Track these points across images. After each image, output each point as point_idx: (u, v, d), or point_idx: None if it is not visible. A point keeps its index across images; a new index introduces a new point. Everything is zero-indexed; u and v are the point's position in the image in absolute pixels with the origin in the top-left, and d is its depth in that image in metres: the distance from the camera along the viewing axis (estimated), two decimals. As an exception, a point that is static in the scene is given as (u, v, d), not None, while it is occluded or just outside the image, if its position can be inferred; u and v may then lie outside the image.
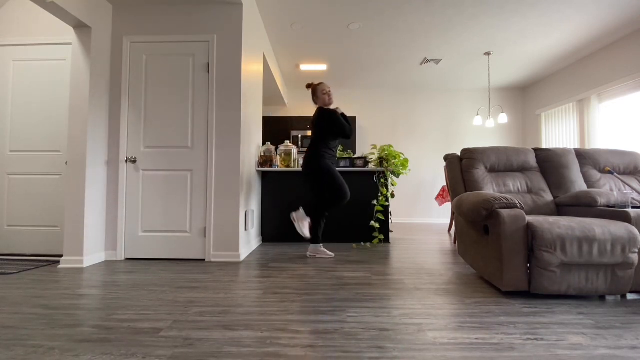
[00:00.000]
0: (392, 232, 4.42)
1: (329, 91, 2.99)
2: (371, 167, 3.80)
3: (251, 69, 3.29)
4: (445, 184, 5.95)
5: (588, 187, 2.42)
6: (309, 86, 3.08)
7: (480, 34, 4.12)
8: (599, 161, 2.51)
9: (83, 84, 2.63)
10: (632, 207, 2.00)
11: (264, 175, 3.80)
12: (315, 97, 3.04)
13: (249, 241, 3.18)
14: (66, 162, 2.82)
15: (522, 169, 2.53)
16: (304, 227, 2.93)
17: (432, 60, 4.96)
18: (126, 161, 2.86)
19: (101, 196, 2.79)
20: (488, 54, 4.68)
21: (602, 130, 4.49)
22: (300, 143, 5.92)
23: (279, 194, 3.79)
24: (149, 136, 2.87)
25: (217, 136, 2.85)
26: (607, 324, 1.48)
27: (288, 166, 3.78)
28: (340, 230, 3.78)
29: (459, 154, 2.64)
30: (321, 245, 2.97)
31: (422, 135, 6.33)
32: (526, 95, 6.20)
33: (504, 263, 1.81)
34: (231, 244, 2.80)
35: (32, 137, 3.00)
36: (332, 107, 3.06)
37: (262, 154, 3.72)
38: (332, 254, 2.95)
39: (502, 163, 2.52)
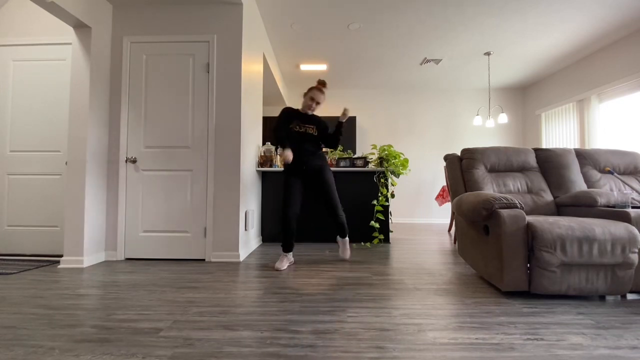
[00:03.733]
0: (392, 232, 4.42)
1: (312, 97, 2.65)
2: (371, 167, 3.80)
3: (251, 69, 3.29)
4: (445, 184, 5.95)
5: (588, 187, 2.42)
6: (321, 84, 2.72)
7: (480, 34, 4.12)
8: (599, 161, 2.51)
9: (83, 84, 2.63)
10: (632, 207, 2.00)
11: (264, 175, 3.80)
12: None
13: (248, 241, 3.18)
14: (66, 162, 2.82)
15: (522, 169, 2.53)
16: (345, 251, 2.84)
17: (432, 60, 4.96)
18: (126, 161, 2.86)
19: (101, 196, 2.79)
20: (488, 54, 4.68)
21: (602, 130, 4.49)
22: (300, 143, 5.91)
23: (279, 194, 3.79)
24: (149, 136, 2.87)
25: (217, 136, 2.85)
26: (607, 324, 1.48)
27: (288, 166, 3.78)
28: (340, 230, 3.77)
29: (459, 154, 2.64)
30: (285, 254, 2.61)
31: (422, 135, 6.32)
32: (526, 95, 6.20)
33: (504, 263, 1.81)
34: (231, 244, 2.80)
35: (32, 137, 3.00)
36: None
37: (262, 154, 3.72)
38: (281, 268, 2.51)
39: (502, 163, 2.51)
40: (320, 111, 6.35)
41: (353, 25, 3.95)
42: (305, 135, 2.64)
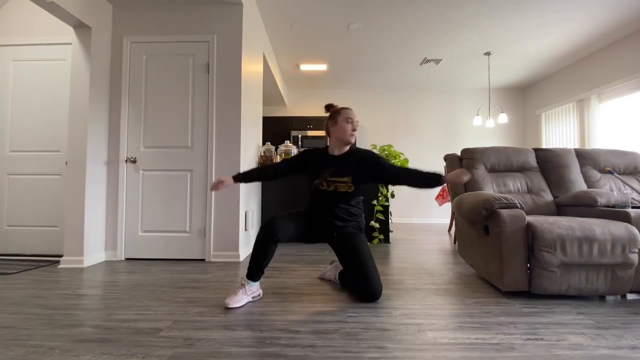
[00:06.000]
0: (392, 232, 4.42)
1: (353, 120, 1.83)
2: (371, 167, 3.80)
3: (251, 69, 3.29)
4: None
5: (588, 187, 2.42)
6: (328, 108, 1.94)
7: (480, 34, 4.12)
8: (599, 161, 2.51)
9: (83, 84, 2.63)
10: (632, 207, 2.00)
11: (264, 175, 3.79)
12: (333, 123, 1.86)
13: (248, 241, 3.18)
14: (66, 162, 2.82)
15: (522, 169, 2.53)
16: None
17: (432, 60, 4.96)
18: (126, 161, 2.86)
19: (101, 196, 2.79)
20: (488, 54, 4.68)
21: (602, 130, 4.49)
22: (300, 143, 5.91)
23: (279, 194, 3.79)
24: (149, 136, 2.87)
25: (217, 136, 2.85)
26: (607, 324, 1.48)
27: (288, 166, 3.77)
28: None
29: (459, 154, 2.64)
30: (252, 284, 1.74)
31: (422, 135, 6.32)
32: (526, 95, 6.20)
33: (504, 263, 1.81)
34: (231, 244, 2.80)
35: (32, 137, 3.00)
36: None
37: (262, 154, 3.72)
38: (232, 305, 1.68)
39: (502, 163, 2.51)
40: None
41: (353, 25, 3.95)
42: (336, 196, 1.84)
